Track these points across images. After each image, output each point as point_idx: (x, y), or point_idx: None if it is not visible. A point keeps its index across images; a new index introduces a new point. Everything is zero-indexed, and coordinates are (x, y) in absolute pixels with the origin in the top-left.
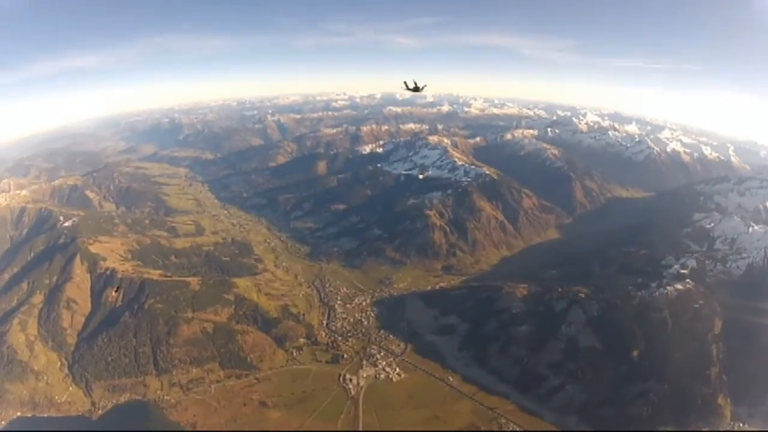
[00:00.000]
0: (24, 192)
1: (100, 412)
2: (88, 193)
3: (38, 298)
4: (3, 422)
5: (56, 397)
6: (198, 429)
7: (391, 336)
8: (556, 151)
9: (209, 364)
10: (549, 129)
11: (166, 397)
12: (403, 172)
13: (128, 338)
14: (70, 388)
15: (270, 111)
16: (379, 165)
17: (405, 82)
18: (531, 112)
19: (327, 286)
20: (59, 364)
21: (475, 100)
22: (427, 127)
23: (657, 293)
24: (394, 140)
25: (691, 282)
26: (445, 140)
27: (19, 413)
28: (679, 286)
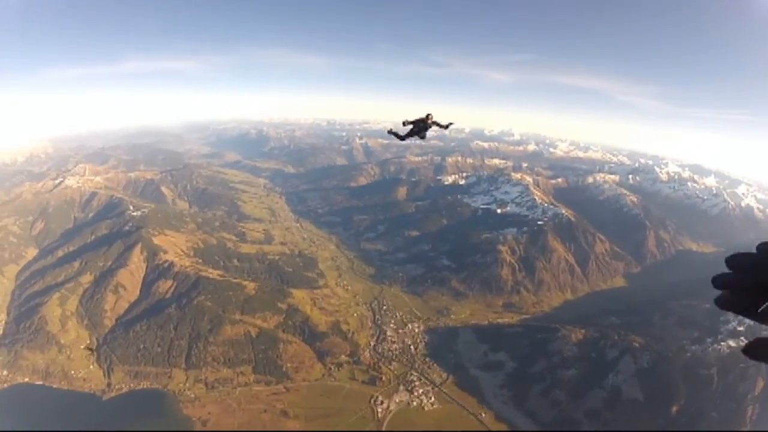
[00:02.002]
0: (98, 178)
1: (113, 393)
2: (163, 188)
3: (87, 278)
4: (6, 384)
5: (73, 372)
6: (210, 428)
7: (435, 365)
8: (634, 198)
9: (242, 367)
10: (630, 176)
11: (187, 391)
12: (481, 206)
13: (167, 329)
14: (91, 366)
15: (359, 134)
16: (459, 196)
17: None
18: (614, 158)
19: (384, 308)
20: (87, 343)
21: (562, 141)
22: (512, 164)
23: (710, 349)
24: (477, 174)
25: (745, 340)
26: (528, 178)
27: (27, 379)
28: (732, 344)
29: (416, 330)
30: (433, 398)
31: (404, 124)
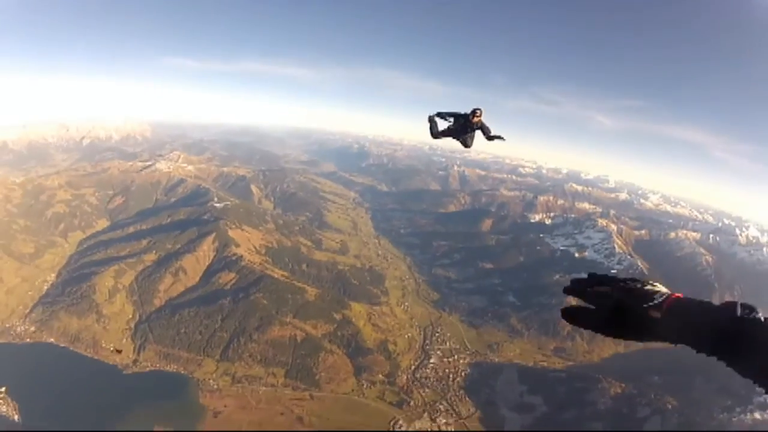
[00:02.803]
0: (190, 167)
1: (135, 369)
2: (252, 186)
3: (150, 257)
4: (29, 339)
5: (103, 343)
6: (220, 420)
7: (467, 398)
8: (710, 258)
9: (276, 369)
10: (711, 235)
11: (211, 381)
12: (561, 247)
13: (214, 319)
14: (124, 341)
15: (458, 162)
16: (541, 235)
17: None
18: (700, 216)
19: (436, 335)
20: (129, 318)
21: (654, 193)
22: (600, 210)
23: (735, 419)
24: (564, 215)
25: None
26: (613, 226)
27: (53, 339)
28: (758, 416)
29: (461, 361)
30: (452, 430)
31: (440, 116)
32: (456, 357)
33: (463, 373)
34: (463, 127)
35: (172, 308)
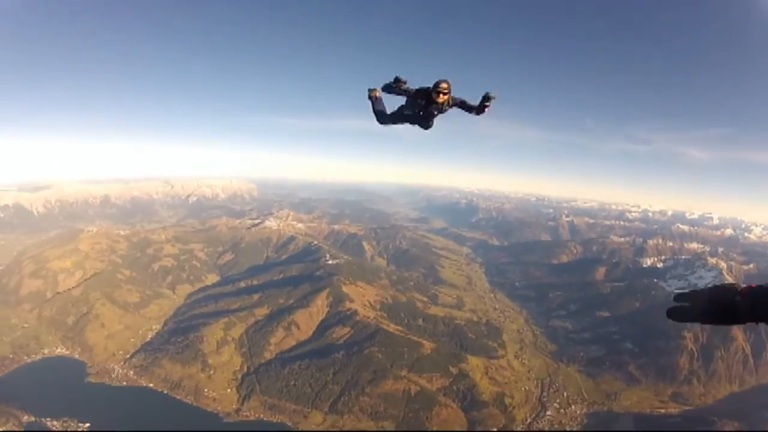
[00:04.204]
0: (300, 225)
1: (237, 418)
2: (365, 244)
3: (262, 311)
4: (125, 383)
5: (206, 390)
6: None
7: None
8: None
9: (386, 422)
10: None
11: None
12: (675, 290)
13: (326, 372)
14: (228, 389)
15: (566, 212)
16: (655, 279)
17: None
18: None
19: (554, 387)
20: (237, 369)
21: (756, 226)
22: (708, 248)
23: None
24: (675, 257)
25: None
26: (722, 263)
27: (151, 384)
28: None
29: (577, 412)
30: None
31: (387, 91)
32: (573, 408)
33: (579, 425)
34: (425, 108)
35: (282, 361)
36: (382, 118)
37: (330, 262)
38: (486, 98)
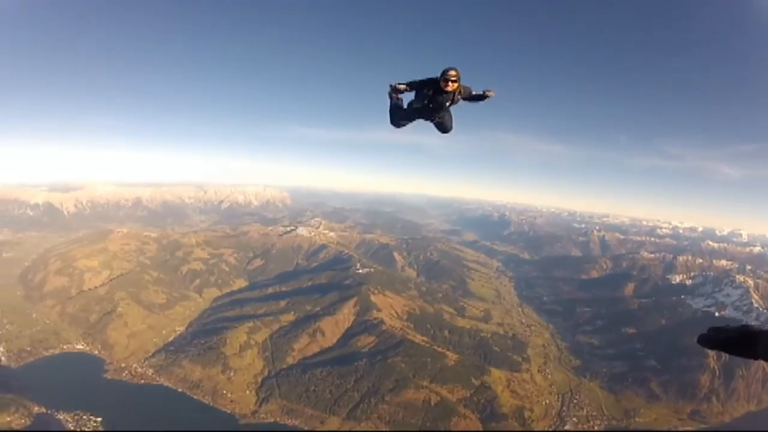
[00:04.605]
0: (332, 234)
1: (252, 419)
2: (395, 254)
3: (288, 318)
4: (143, 381)
5: (225, 392)
6: None
7: None
8: None
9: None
10: None
11: None
12: (702, 308)
13: (347, 379)
14: (247, 392)
15: (597, 227)
16: (683, 296)
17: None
18: None
19: (574, 402)
20: (258, 372)
21: None
22: (737, 265)
23: None
24: (703, 274)
25: None
26: (749, 281)
27: (169, 384)
28: None
29: (595, 427)
30: None
31: (397, 90)
32: (591, 423)
33: None
34: (432, 98)
35: (304, 367)
36: (397, 114)
37: (360, 271)
38: (484, 95)
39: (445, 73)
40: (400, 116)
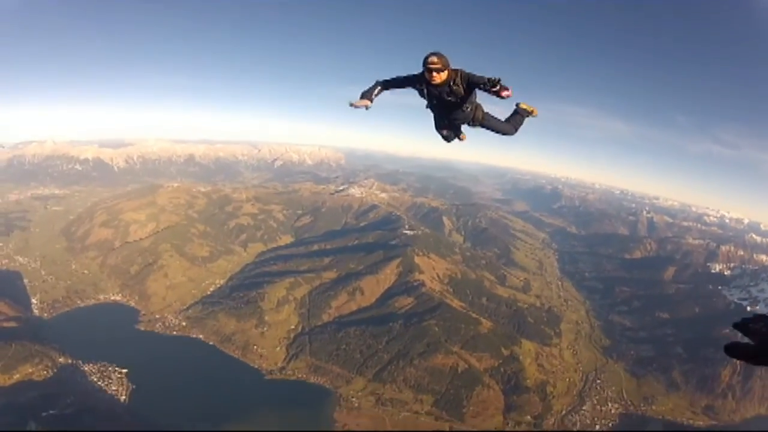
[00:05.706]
0: (383, 195)
1: (279, 376)
2: (444, 218)
3: (330, 275)
4: (176, 332)
5: (255, 346)
6: None
7: None
8: None
9: (425, 396)
10: None
11: (353, 398)
12: (736, 300)
13: (379, 340)
14: (277, 348)
15: (647, 208)
16: (720, 287)
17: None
18: None
19: (597, 382)
20: (292, 328)
21: None
22: None
23: None
24: (743, 266)
25: None
26: None
27: (201, 336)
28: None
29: (613, 411)
30: None
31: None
32: (609, 407)
33: (610, 423)
34: (426, 93)
35: (338, 325)
36: (435, 123)
37: (407, 232)
38: (494, 84)
39: (424, 61)
40: (436, 125)
